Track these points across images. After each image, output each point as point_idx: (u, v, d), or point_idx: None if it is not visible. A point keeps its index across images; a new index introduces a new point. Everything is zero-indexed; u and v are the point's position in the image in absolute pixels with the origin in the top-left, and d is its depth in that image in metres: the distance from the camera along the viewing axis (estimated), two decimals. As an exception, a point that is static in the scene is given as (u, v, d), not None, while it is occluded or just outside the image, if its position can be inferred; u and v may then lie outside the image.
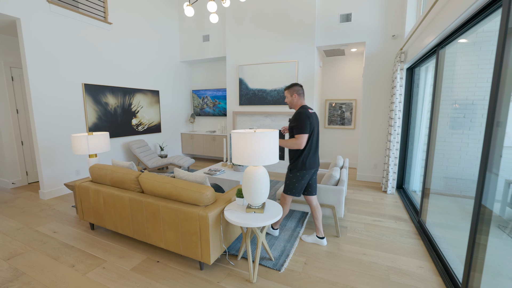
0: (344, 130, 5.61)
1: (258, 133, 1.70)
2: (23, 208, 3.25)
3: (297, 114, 2.21)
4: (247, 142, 1.70)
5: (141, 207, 2.14)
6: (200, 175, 2.15)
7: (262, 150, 1.71)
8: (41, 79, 3.47)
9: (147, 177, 2.20)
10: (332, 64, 5.52)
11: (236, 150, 1.76)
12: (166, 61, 5.60)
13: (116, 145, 4.61)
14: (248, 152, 1.71)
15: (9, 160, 4.15)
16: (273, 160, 1.77)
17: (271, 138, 1.75)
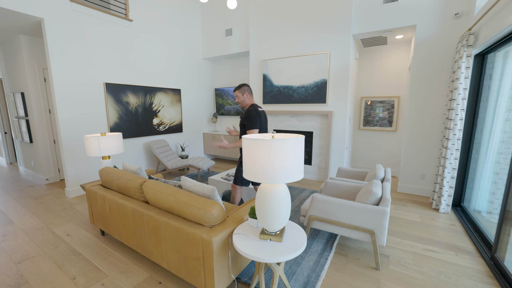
0: (382, 132, 4.91)
1: (277, 140, 1.30)
2: (48, 206, 3.28)
3: (247, 111, 2.38)
4: (262, 152, 1.30)
5: (143, 220, 1.90)
6: (208, 187, 1.84)
7: (282, 164, 1.30)
8: (64, 79, 3.48)
9: (151, 186, 1.95)
10: (371, 55, 4.85)
11: (248, 163, 1.39)
12: (188, 58, 5.45)
13: (137, 145, 4.57)
14: (264, 166, 1.31)
15: (43, 158, 4.32)
16: (297, 175, 1.37)
17: (296, 147, 1.35)
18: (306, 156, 4.69)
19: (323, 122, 4.41)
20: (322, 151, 4.49)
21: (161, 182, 2.02)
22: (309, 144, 4.62)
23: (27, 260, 2.10)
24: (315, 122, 4.49)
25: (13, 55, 4.27)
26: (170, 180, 2.21)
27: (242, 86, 2.45)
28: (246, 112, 2.39)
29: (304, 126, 4.58)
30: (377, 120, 4.90)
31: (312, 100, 4.39)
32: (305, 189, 4.02)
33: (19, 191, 3.87)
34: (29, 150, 4.59)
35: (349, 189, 2.79)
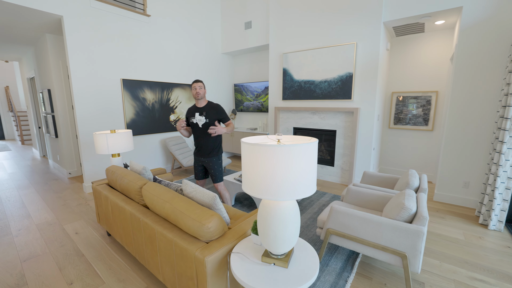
0: (416, 131, 4.36)
1: (284, 146, 1.03)
2: (66, 200, 3.34)
3: (216, 106, 2.51)
4: (265, 160, 1.03)
5: (139, 226, 1.76)
6: (209, 195, 1.63)
7: (289, 176, 1.03)
8: (82, 75, 3.50)
9: (149, 190, 1.79)
10: (404, 45, 4.30)
11: (247, 173, 1.13)
12: (207, 53, 5.30)
13: (154, 142, 4.54)
14: (265, 178, 1.04)
15: (67, 152, 4.47)
16: (308, 190, 1.09)
17: (307, 155, 1.07)
18: (328, 157, 4.32)
19: (348, 120, 4.01)
20: (346, 151, 4.10)
21: (161, 186, 1.86)
22: (332, 144, 4.25)
23: (32, 258, 2.09)
24: (338, 120, 4.10)
25: (42, 53, 4.43)
26: (174, 182, 2.05)
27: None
28: (216, 106, 2.50)
29: (327, 124, 4.21)
30: (410, 117, 4.36)
31: (336, 95, 4.00)
32: (326, 193, 3.68)
33: (44, 184, 4.03)
34: (55, 144, 4.79)
35: (376, 199, 2.43)
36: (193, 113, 2.50)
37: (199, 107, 2.49)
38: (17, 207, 3.10)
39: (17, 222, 2.71)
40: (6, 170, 4.85)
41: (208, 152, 2.54)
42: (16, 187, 3.89)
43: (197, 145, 2.56)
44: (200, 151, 2.55)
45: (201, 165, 2.61)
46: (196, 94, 2.42)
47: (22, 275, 1.89)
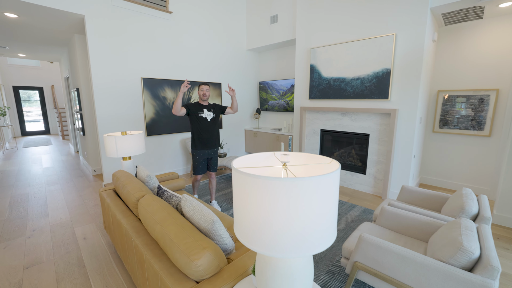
0: (467, 137, 3.65)
1: (291, 180, 0.68)
2: (84, 200, 3.37)
3: (216, 104, 2.87)
4: (258, 198, 0.71)
5: (131, 246, 1.56)
6: (207, 217, 1.37)
7: (295, 223, 0.70)
8: (102, 74, 3.48)
9: (144, 205, 1.59)
10: (455, 35, 3.60)
11: (237, 211, 0.81)
12: (230, 50, 5.06)
13: (174, 142, 4.44)
14: (258, 224, 0.73)
15: (92, 150, 4.59)
16: (324, 242, 0.74)
17: (325, 191, 0.71)
18: (360, 163, 3.83)
19: (383, 122, 3.48)
20: (380, 158, 3.58)
21: (159, 200, 1.64)
22: (364, 148, 3.75)
23: (35, 266, 2.03)
24: (372, 122, 3.58)
25: (72, 54, 4.58)
26: (177, 193, 1.84)
27: None
28: (216, 104, 2.91)
29: (358, 126, 3.72)
30: (459, 120, 3.67)
31: (370, 95, 3.49)
32: (356, 206, 3.24)
33: (70, 180, 4.16)
34: (84, 142, 4.96)
35: (419, 225, 1.97)
36: (201, 109, 2.77)
37: (205, 105, 2.81)
38: (40, 205, 3.19)
39: (34, 222, 2.75)
40: (42, 165, 5.17)
41: (214, 143, 2.86)
42: (45, 182, 4.07)
43: (204, 138, 2.79)
44: (207, 143, 2.81)
45: (206, 158, 2.86)
46: (203, 95, 2.71)
47: (20, 285, 1.83)
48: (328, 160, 0.97)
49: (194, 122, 2.77)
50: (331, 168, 0.90)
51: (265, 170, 1.02)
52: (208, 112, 2.79)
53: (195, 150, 2.82)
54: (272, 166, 1.00)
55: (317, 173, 0.94)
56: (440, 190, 3.81)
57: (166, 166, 4.40)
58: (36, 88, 9.63)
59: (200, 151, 2.81)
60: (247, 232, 0.78)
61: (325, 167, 0.95)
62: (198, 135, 2.78)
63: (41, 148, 7.03)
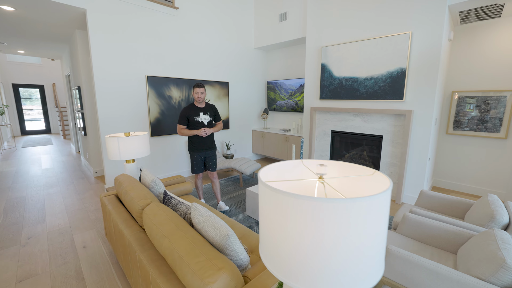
0: (483, 139, 3.49)
1: (352, 200, 0.58)
2: (85, 204, 3.22)
3: (213, 105, 2.87)
4: (302, 223, 0.55)
5: (135, 261, 1.41)
6: (220, 231, 1.22)
7: (346, 253, 0.54)
8: (104, 71, 3.33)
9: (149, 215, 1.43)
10: (471, 34, 3.44)
11: (266, 234, 0.66)
12: (238, 48, 4.91)
13: (180, 142, 4.29)
14: (298, 253, 0.57)
15: (93, 150, 4.44)
16: (371, 277, 0.60)
17: (379, 213, 0.57)
18: (372, 166, 3.67)
19: (398, 124, 3.32)
20: (394, 161, 3.42)
21: (166, 209, 1.49)
22: (377, 150, 3.59)
23: (29, 279, 1.88)
24: (386, 124, 3.42)
25: (74, 50, 4.44)
26: (184, 200, 1.68)
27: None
28: (213, 107, 2.86)
29: (371, 128, 3.56)
30: (474, 122, 3.51)
31: (384, 95, 3.34)
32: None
33: (70, 183, 4.02)
34: (85, 142, 4.82)
35: (445, 235, 1.82)
36: (197, 113, 2.73)
37: (201, 108, 2.77)
38: (37, 209, 3.04)
39: (30, 228, 2.60)
40: (41, 166, 5.03)
41: (211, 145, 2.90)
42: (44, 184, 3.93)
43: (200, 142, 2.80)
44: (204, 146, 2.83)
45: (203, 158, 2.88)
46: (198, 98, 2.67)
47: (12, 300, 1.68)
48: (369, 171, 0.81)
49: (191, 125, 2.75)
50: (377, 182, 0.74)
51: (296, 183, 0.87)
52: (205, 115, 2.78)
53: (191, 152, 2.86)
54: (303, 179, 0.84)
55: (360, 188, 0.79)
56: (454, 193, 3.66)
57: (171, 168, 4.25)
58: (36, 86, 9.50)
59: (196, 152, 2.83)
60: (279, 262, 0.62)
61: (368, 180, 0.79)
62: (194, 137, 2.79)
63: (41, 148, 6.90)
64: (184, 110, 2.73)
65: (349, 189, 0.79)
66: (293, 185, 0.86)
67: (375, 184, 0.75)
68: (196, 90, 2.66)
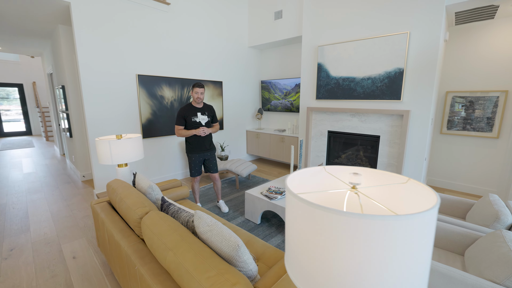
0: (476, 139, 3.57)
1: (401, 217, 0.54)
2: (73, 211, 3.03)
3: (211, 106, 2.83)
4: (347, 244, 0.49)
5: (135, 275, 1.29)
6: (229, 242, 1.13)
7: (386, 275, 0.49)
8: (92, 70, 3.14)
9: (149, 225, 1.32)
10: (464, 35, 3.51)
11: (299, 255, 0.58)
12: (231, 47, 4.80)
13: (172, 144, 4.14)
14: (342, 275, 0.51)
15: (80, 153, 4.22)
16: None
17: (429, 232, 0.51)
18: (369, 166, 3.66)
19: (395, 124, 3.33)
20: (391, 161, 3.42)
21: (167, 218, 1.38)
22: (373, 151, 3.59)
23: (13, 295, 1.72)
24: (383, 124, 3.42)
25: (57, 47, 4.20)
26: (183, 206, 1.57)
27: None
28: (211, 107, 2.82)
29: (368, 128, 3.55)
30: (467, 122, 3.58)
31: (381, 95, 3.33)
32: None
33: (55, 188, 3.78)
34: (71, 144, 4.57)
35: (451, 236, 1.80)
36: (195, 113, 2.67)
37: (199, 108, 2.71)
38: (19, 217, 2.83)
39: (12, 239, 2.40)
40: (23, 170, 4.73)
41: (210, 146, 2.83)
42: (26, 190, 3.68)
43: (198, 143, 2.73)
44: (202, 147, 2.76)
45: (201, 160, 2.80)
46: (197, 98, 2.61)
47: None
48: (403, 179, 0.74)
49: (188, 126, 2.68)
50: (412, 191, 0.68)
51: (322, 194, 0.79)
52: (202, 116, 2.73)
53: (189, 153, 2.78)
54: (329, 190, 0.77)
55: (397, 199, 0.72)
56: (447, 192, 3.73)
57: (164, 171, 4.09)
58: (15, 85, 8.99)
59: (195, 154, 2.77)
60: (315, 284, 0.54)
61: (401, 189, 0.73)
62: (190, 138, 2.73)
63: (22, 151, 6.52)
64: (181, 110, 2.65)
65: (385, 200, 0.72)
66: (318, 197, 0.78)
67: (410, 194, 0.68)
68: (196, 90, 2.60)
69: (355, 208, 0.73)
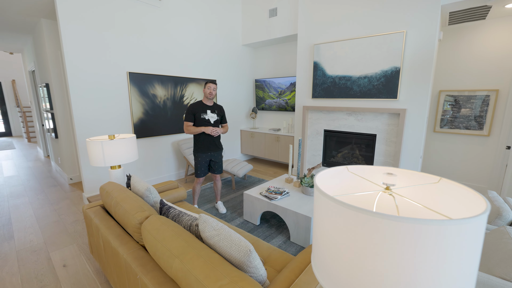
0: (468, 137, 3.65)
1: (454, 222, 0.51)
2: (60, 215, 2.86)
3: (221, 106, 2.77)
4: (411, 249, 0.45)
5: (137, 284, 1.20)
6: (239, 246, 1.06)
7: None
8: (80, 67, 2.98)
9: (151, 230, 1.23)
10: (457, 35, 3.57)
11: (333, 264, 0.53)
12: (225, 44, 4.70)
13: (165, 144, 4.01)
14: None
15: (67, 155, 4.01)
16: None
17: (478, 240, 0.47)
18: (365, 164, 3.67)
19: (391, 123, 3.35)
20: (388, 159, 3.44)
21: (169, 222, 1.29)
22: (370, 149, 3.60)
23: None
24: (380, 123, 3.44)
25: (39, 43, 3.97)
26: (187, 211, 1.49)
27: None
28: (221, 107, 2.76)
29: (365, 126, 3.56)
30: (459, 120, 3.66)
31: (378, 94, 3.34)
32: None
33: (40, 192, 3.58)
34: (56, 146, 4.34)
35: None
36: (205, 110, 2.61)
37: (209, 105, 2.65)
38: (1, 224, 2.64)
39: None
40: (3, 173, 4.45)
41: (218, 145, 2.75)
42: (8, 195, 3.45)
43: (206, 142, 2.65)
44: (210, 147, 2.68)
45: (208, 160, 2.73)
46: (209, 94, 2.56)
47: None
48: (434, 179, 0.70)
49: (197, 123, 2.62)
50: (446, 193, 0.64)
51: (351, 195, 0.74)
52: (212, 114, 2.67)
53: (197, 153, 2.70)
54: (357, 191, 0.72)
55: (432, 201, 0.67)
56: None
57: (158, 172, 3.95)
58: (-6, 83, 8.51)
59: (202, 154, 2.69)
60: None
61: (434, 189, 0.68)
62: (200, 137, 2.66)
63: (2, 153, 6.16)
64: (191, 107, 2.59)
65: (421, 202, 0.67)
66: (346, 199, 0.73)
67: (444, 194, 0.64)
68: (209, 85, 2.58)
69: (389, 210, 0.68)
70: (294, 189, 2.83)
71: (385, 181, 0.68)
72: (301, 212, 2.29)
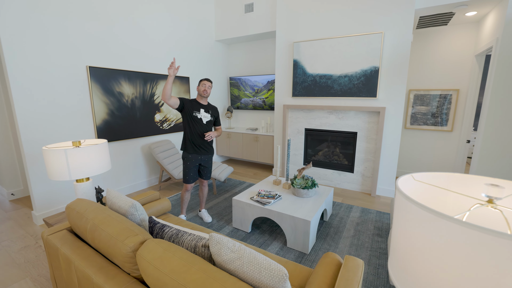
0: (434, 132, 3.98)
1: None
2: (3, 240, 2.29)
3: (215, 107, 2.59)
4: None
5: (139, 337, 0.93)
6: (273, 269, 0.88)
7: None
8: (24, 60, 2.44)
9: (151, 258, 0.97)
10: (423, 39, 3.86)
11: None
12: (197, 39, 4.38)
13: (135, 149, 3.55)
14: None
15: (6, 166, 3.31)
16: None
17: None
18: (346, 162, 3.73)
19: (371, 120, 3.44)
20: (368, 156, 3.53)
21: (174, 249, 1.03)
22: (351, 147, 3.66)
23: None
24: (360, 121, 3.51)
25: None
26: (187, 229, 1.24)
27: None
28: (216, 108, 2.59)
29: (346, 125, 3.60)
30: (427, 117, 3.96)
31: (358, 93, 3.40)
32: (353, 207, 3.08)
33: (-28, 213, 2.87)
34: (-8, 155, 3.56)
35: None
36: (198, 108, 2.44)
37: (203, 104, 2.49)
38: None
39: None
40: None
41: (209, 148, 2.56)
42: None
43: (197, 143, 2.46)
44: (201, 149, 2.50)
45: (197, 164, 2.53)
46: (203, 91, 2.42)
47: None
48: None
49: (188, 122, 2.43)
50: None
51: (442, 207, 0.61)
52: (205, 113, 2.48)
53: (186, 154, 2.49)
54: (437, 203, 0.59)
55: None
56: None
57: (127, 180, 3.48)
58: None
59: (192, 155, 2.49)
60: None
61: None
62: (190, 137, 2.46)
63: None
64: (186, 99, 2.42)
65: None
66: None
67: None
68: (204, 82, 2.44)
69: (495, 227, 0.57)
70: (285, 192, 2.70)
71: (488, 194, 0.56)
72: (298, 216, 2.17)
